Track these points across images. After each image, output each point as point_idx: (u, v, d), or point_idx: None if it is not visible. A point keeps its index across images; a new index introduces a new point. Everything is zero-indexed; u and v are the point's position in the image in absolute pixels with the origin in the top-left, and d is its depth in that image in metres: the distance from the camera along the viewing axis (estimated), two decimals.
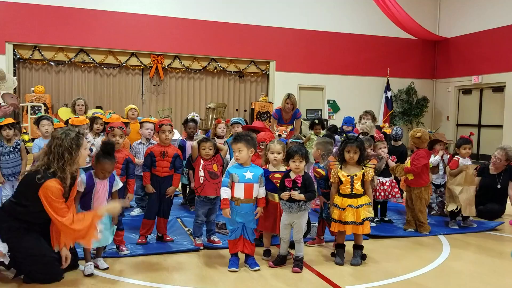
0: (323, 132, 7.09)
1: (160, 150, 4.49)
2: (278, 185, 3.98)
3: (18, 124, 5.48)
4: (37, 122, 5.34)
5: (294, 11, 13.51)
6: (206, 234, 4.58)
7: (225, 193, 3.83)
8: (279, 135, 6.29)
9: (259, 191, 3.90)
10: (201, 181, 4.40)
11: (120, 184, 3.98)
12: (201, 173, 4.41)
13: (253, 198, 3.87)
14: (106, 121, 5.52)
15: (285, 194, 3.81)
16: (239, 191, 3.83)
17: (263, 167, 4.11)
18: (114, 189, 3.90)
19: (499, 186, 5.98)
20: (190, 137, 6.37)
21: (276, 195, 4.00)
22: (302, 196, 3.80)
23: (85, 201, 3.77)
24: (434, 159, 5.66)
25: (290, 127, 7.14)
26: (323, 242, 4.66)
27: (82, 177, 3.77)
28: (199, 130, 7.26)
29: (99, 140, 5.52)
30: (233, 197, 3.85)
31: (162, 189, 4.47)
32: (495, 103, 13.27)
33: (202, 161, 4.45)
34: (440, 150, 5.68)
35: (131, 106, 7.08)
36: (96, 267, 3.78)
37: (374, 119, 7.24)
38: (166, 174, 4.47)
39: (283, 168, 4.05)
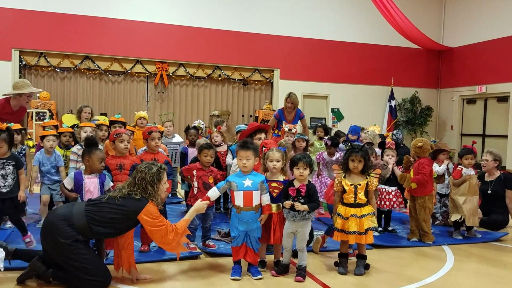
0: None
1: (151, 157, 4.49)
2: (274, 194, 3.97)
3: (25, 130, 5.50)
4: (42, 137, 5.33)
5: (299, 20, 13.57)
6: (201, 239, 4.59)
7: (211, 191, 3.93)
8: (289, 130, 6.30)
9: (263, 198, 3.86)
10: (195, 192, 4.41)
11: (111, 184, 4.14)
12: (195, 184, 4.40)
13: (254, 206, 3.83)
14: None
15: (288, 203, 3.81)
16: (239, 199, 3.82)
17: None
18: (106, 188, 4.12)
19: (489, 192, 5.99)
20: (192, 144, 6.40)
21: (272, 205, 3.96)
22: (305, 207, 3.79)
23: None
24: (439, 168, 5.65)
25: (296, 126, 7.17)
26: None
27: (71, 175, 4.17)
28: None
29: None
30: (234, 205, 3.87)
31: None
32: (500, 113, 13.24)
33: (195, 172, 4.43)
34: (444, 159, 5.68)
35: (141, 114, 7.05)
36: None
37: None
38: None
39: (281, 178, 4.03)
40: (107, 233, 3.60)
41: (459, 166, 5.53)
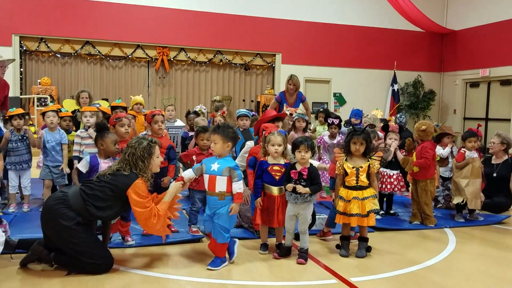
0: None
1: None
2: (277, 177, 3.95)
3: (28, 115, 5.54)
4: (43, 113, 5.40)
5: (301, 3, 13.43)
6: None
7: (186, 172, 3.84)
8: (291, 114, 6.28)
9: (233, 186, 3.69)
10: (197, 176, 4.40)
11: None
12: None
13: (217, 191, 3.67)
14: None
15: (290, 186, 3.80)
16: (206, 182, 3.77)
17: (262, 159, 4.08)
18: None
19: (494, 175, 5.97)
20: (192, 128, 6.40)
21: (274, 188, 3.96)
22: (307, 190, 3.79)
23: None
24: (444, 151, 5.63)
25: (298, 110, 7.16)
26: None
27: (86, 159, 4.18)
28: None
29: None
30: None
31: (158, 181, 4.43)
32: (503, 96, 13.16)
33: (195, 157, 4.41)
34: (449, 143, 5.66)
35: (137, 99, 7.01)
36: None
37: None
38: (161, 166, 4.43)
39: (282, 161, 4.01)
40: (104, 216, 3.58)
41: (462, 149, 5.50)
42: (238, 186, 3.69)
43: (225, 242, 3.73)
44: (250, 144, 4.84)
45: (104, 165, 4.17)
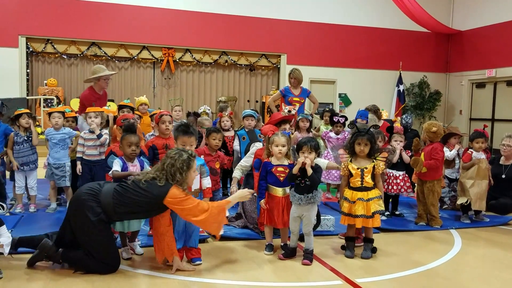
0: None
1: (162, 142, 4.51)
2: (281, 179, 3.95)
3: (34, 117, 5.59)
4: (49, 114, 5.45)
5: (306, 4, 13.42)
6: None
7: (207, 183, 3.82)
8: (289, 111, 6.30)
9: (203, 182, 3.79)
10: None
11: (149, 168, 4.02)
12: None
13: (193, 190, 3.74)
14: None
15: (300, 161, 3.78)
16: None
17: (266, 160, 4.08)
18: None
19: (503, 176, 5.93)
20: None
21: (279, 189, 3.97)
22: (310, 170, 3.77)
23: None
24: (450, 154, 5.61)
25: (298, 106, 7.13)
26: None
27: (118, 160, 4.00)
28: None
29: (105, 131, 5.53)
30: None
31: None
32: (509, 97, 13.08)
33: (203, 157, 4.43)
34: (456, 144, 5.64)
35: (142, 100, 7.05)
36: (133, 251, 4.00)
37: (375, 113, 7.15)
38: None
39: (286, 162, 4.02)
40: (127, 219, 3.63)
41: (469, 149, 5.47)
42: (207, 182, 3.84)
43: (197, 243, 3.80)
44: (258, 145, 4.85)
45: (132, 168, 4.05)
